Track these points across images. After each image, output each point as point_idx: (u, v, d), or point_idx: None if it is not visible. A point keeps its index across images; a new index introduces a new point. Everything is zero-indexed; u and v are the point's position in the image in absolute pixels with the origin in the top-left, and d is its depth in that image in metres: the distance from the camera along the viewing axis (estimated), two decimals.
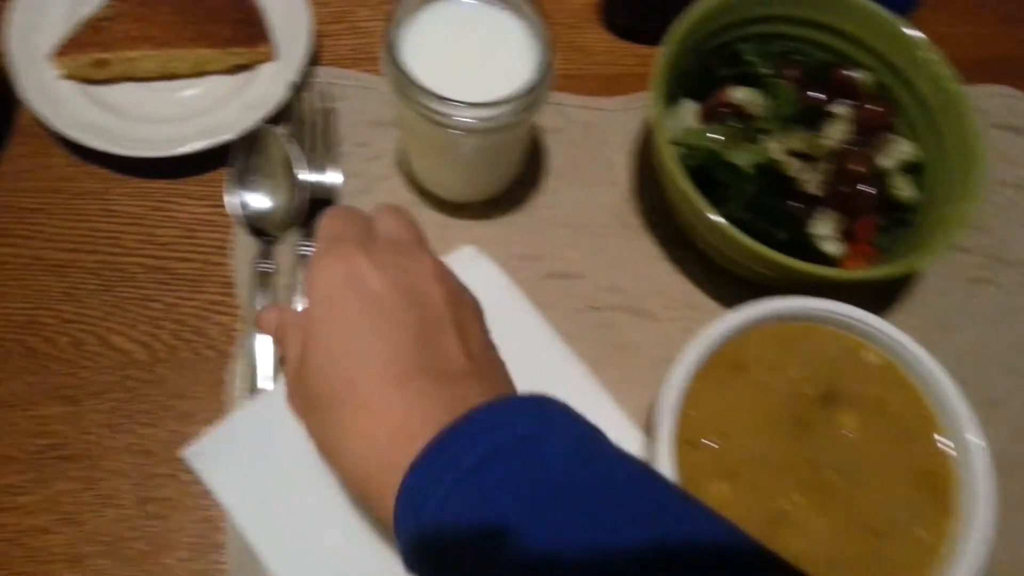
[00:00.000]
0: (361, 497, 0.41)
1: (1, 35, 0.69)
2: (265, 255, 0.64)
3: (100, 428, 0.59)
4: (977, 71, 0.81)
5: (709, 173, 0.62)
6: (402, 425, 0.38)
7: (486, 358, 0.45)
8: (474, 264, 0.64)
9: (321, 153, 0.69)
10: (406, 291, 0.43)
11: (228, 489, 0.56)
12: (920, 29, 0.66)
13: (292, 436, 0.52)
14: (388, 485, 0.37)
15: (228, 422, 0.57)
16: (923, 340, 0.57)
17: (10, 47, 0.69)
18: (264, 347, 0.61)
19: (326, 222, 0.49)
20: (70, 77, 0.69)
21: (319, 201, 0.67)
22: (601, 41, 0.79)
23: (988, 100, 0.79)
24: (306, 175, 0.67)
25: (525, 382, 0.60)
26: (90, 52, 0.68)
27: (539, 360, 0.61)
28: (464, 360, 0.43)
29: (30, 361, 0.61)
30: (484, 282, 0.63)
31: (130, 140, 0.66)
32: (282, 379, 0.59)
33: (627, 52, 0.78)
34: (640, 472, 0.38)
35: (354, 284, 0.43)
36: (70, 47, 0.68)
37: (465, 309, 0.46)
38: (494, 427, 0.37)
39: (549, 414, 0.40)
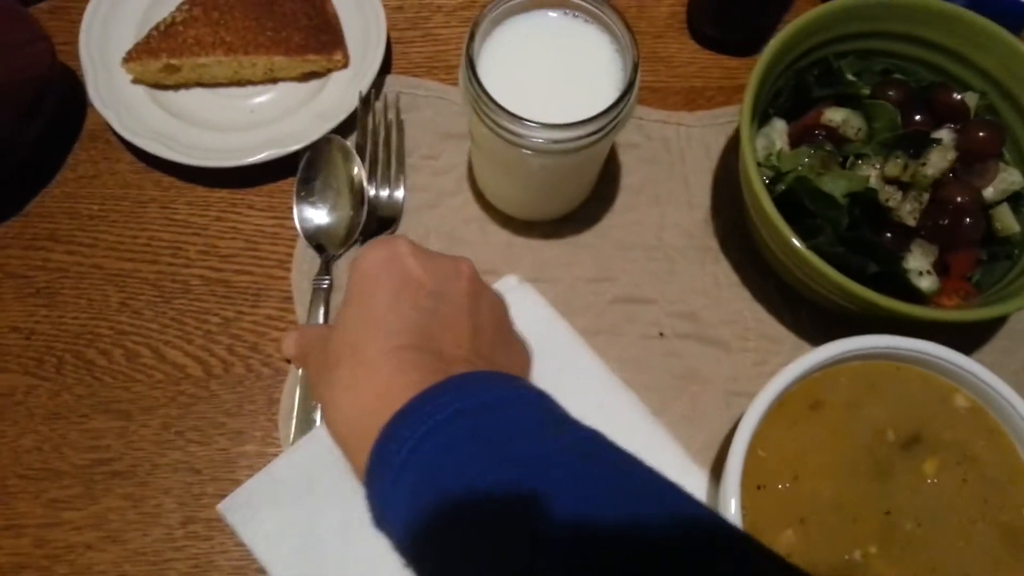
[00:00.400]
0: (345, 453, 0.42)
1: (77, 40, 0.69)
2: (323, 270, 0.62)
3: (150, 444, 0.58)
4: None
5: (798, 199, 0.57)
6: (387, 388, 0.40)
7: (493, 356, 0.47)
8: (517, 294, 0.60)
9: (388, 168, 0.66)
10: (435, 280, 0.46)
11: (263, 543, 0.53)
12: None
13: (330, 487, 0.51)
14: (366, 442, 0.39)
15: (264, 474, 0.55)
16: (1018, 383, 0.53)
17: (83, 51, 0.68)
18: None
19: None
20: (140, 82, 0.69)
21: (382, 218, 0.65)
22: (686, 51, 0.75)
23: None
24: (371, 191, 0.65)
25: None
26: (161, 57, 0.67)
27: (586, 393, 0.58)
28: (468, 352, 0.44)
29: (84, 372, 0.60)
30: (527, 312, 0.60)
31: (197, 149, 0.65)
32: (320, 427, 0.57)
33: (713, 64, 0.74)
34: (597, 441, 0.40)
35: (391, 265, 0.46)
36: (141, 52, 0.67)
37: (486, 312, 0.48)
38: (467, 392, 0.39)
39: (521, 388, 0.41)
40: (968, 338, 0.63)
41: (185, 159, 0.64)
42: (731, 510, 0.48)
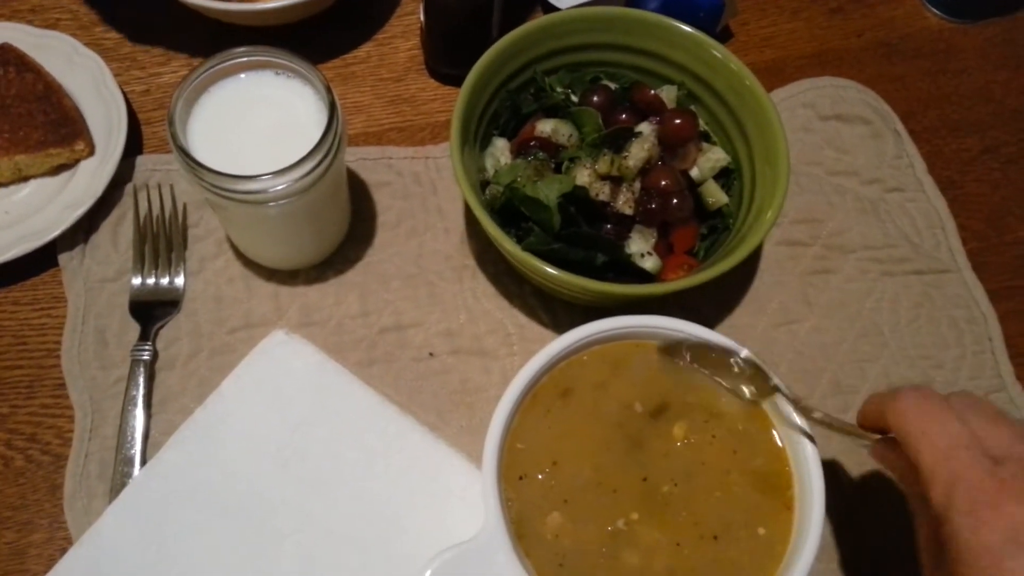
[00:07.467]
0: None
1: None
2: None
3: None
4: (805, 66, 0.83)
5: (516, 207, 0.62)
6: None
7: None
8: (285, 349, 0.64)
9: (168, 255, 0.69)
10: None
11: None
12: (744, 32, 0.66)
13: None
14: None
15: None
16: (766, 337, 0.56)
17: None
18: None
19: (937, 428, 0.45)
20: None
21: (163, 302, 0.67)
22: (427, 90, 0.80)
23: (814, 93, 0.81)
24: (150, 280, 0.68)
25: (357, 454, 0.60)
26: None
27: (370, 429, 0.61)
28: None
29: None
30: (299, 364, 0.63)
31: None
32: (102, 520, 0.58)
33: (454, 97, 0.78)
34: None
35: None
36: None
37: None
38: None
39: None
40: (721, 308, 0.69)
41: None
42: (489, 503, 0.51)
